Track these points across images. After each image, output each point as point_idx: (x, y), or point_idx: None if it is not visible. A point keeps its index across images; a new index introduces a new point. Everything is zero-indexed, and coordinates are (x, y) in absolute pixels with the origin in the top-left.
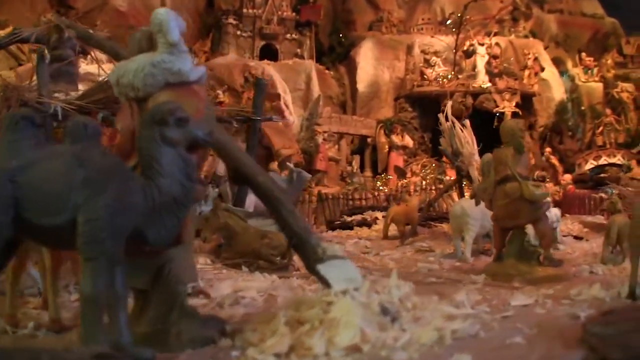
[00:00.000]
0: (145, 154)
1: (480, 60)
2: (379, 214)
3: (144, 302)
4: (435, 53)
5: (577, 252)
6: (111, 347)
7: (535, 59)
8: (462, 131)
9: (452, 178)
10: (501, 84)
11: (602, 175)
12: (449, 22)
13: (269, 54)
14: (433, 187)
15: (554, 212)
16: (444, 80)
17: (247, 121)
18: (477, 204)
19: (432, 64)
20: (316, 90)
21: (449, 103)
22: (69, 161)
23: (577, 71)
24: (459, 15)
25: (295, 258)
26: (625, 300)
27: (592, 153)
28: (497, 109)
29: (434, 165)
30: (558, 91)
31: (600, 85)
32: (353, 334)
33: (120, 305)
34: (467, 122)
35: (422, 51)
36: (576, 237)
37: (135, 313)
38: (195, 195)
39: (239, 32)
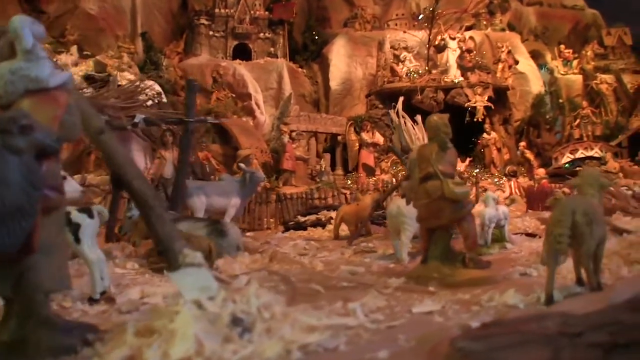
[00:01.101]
0: None
1: (452, 54)
2: (334, 214)
3: (8, 310)
4: (406, 48)
5: (524, 251)
6: None
7: (509, 52)
8: (414, 127)
9: None
10: (473, 78)
11: (578, 168)
12: (421, 16)
13: (243, 53)
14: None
15: (501, 210)
16: (415, 75)
17: (179, 123)
18: (407, 203)
19: (402, 60)
20: (288, 88)
21: (401, 99)
22: None
23: (556, 64)
24: (431, 9)
25: (219, 262)
26: (542, 306)
27: (569, 146)
28: (468, 103)
29: None
30: (536, 84)
31: (579, 78)
32: (188, 346)
33: None
34: (419, 118)
35: (392, 47)
36: (529, 235)
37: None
38: (52, 204)
39: (211, 33)
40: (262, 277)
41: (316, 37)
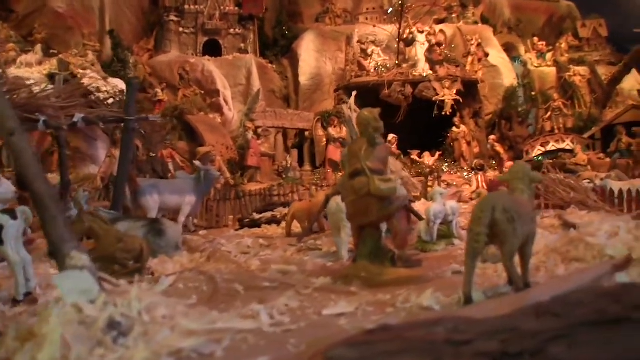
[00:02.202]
0: None
1: (420, 48)
2: None
3: None
4: (374, 42)
5: None
6: None
7: (479, 44)
8: None
9: None
10: (442, 71)
11: (548, 161)
12: (390, 10)
13: (214, 49)
14: None
15: (449, 206)
16: (383, 70)
17: (119, 122)
18: (343, 200)
19: (370, 54)
20: (257, 84)
21: (354, 93)
22: None
23: (530, 56)
24: (400, 2)
25: (154, 262)
26: (461, 307)
27: (540, 139)
28: (437, 97)
29: None
30: (508, 77)
31: (553, 70)
32: (54, 350)
33: None
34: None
35: (359, 41)
36: None
37: None
38: None
39: (181, 29)
40: (189, 277)
41: (286, 32)
